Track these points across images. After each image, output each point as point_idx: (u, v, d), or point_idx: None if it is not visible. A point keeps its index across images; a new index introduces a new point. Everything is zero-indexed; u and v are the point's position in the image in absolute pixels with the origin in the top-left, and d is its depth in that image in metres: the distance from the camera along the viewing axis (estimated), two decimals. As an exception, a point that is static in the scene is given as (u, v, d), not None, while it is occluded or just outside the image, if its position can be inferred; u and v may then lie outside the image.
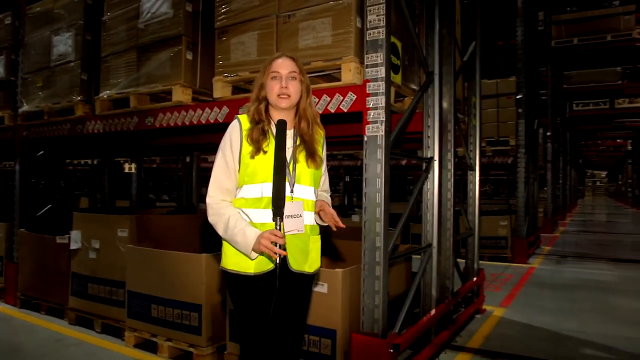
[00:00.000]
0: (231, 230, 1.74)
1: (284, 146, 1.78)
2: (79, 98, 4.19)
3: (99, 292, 3.78)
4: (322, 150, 1.95)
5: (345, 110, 2.82)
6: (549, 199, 12.09)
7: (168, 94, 3.62)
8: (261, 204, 1.78)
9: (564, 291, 5.38)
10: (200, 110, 3.47)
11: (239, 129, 1.82)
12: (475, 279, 4.42)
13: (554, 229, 11.92)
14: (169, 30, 3.56)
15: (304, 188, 1.85)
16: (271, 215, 1.76)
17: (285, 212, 1.75)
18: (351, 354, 2.64)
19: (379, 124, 2.66)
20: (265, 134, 1.80)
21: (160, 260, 3.31)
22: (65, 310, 4.06)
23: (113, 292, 3.69)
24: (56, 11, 4.46)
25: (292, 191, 1.81)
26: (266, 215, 1.77)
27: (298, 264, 1.82)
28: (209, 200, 1.82)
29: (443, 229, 3.60)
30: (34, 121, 4.70)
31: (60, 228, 4.24)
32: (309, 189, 1.87)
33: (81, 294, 3.91)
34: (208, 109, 3.42)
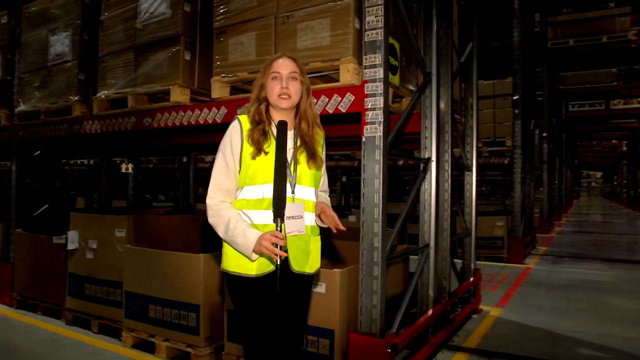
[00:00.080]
0: (231, 232, 1.73)
1: (285, 147, 1.77)
2: (76, 98, 4.18)
3: (96, 293, 3.78)
4: (322, 151, 1.94)
5: (343, 111, 2.82)
6: (545, 200, 12.15)
7: (166, 94, 3.60)
8: (262, 205, 1.77)
9: (560, 291, 5.40)
10: (198, 111, 3.47)
11: (239, 129, 1.80)
12: (472, 279, 4.44)
13: (549, 229, 11.98)
14: (167, 30, 3.55)
15: (305, 189, 1.84)
16: (272, 217, 1.75)
17: (286, 213, 1.74)
18: (349, 354, 2.65)
19: (377, 124, 2.67)
20: (266, 135, 1.78)
21: (158, 260, 3.31)
22: (62, 311, 4.04)
23: (110, 293, 3.69)
24: (53, 11, 4.45)
25: (293, 192, 1.80)
26: (267, 217, 1.76)
27: (299, 264, 1.82)
28: (209, 202, 1.80)
29: (440, 230, 3.61)
30: (30, 121, 4.68)
31: (57, 228, 4.23)
32: (310, 189, 1.86)
33: (78, 295, 3.90)
34: (206, 109, 3.42)
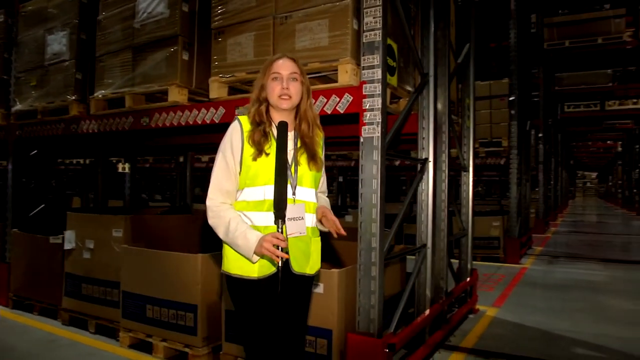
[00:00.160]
0: (232, 234, 1.71)
1: (286, 148, 1.75)
2: (74, 97, 4.17)
3: (93, 293, 3.77)
4: (322, 152, 1.94)
5: (341, 112, 2.83)
6: (541, 200, 12.20)
7: (164, 94, 3.61)
8: (263, 206, 1.76)
9: (555, 291, 5.43)
10: (196, 111, 3.47)
11: (239, 130, 1.79)
12: (468, 279, 4.46)
13: (545, 229, 12.03)
14: (165, 30, 3.55)
15: (305, 190, 1.83)
16: (273, 218, 1.74)
17: (287, 215, 1.73)
18: (347, 354, 2.65)
19: (375, 125, 2.67)
20: (266, 136, 1.77)
21: (156, 260, 3.31)
22: (59, 311, 4.03)
23: (107, 293, 3.68)
24: (50, 10, 4.43)
25: (294, 193, 1.79)
26: (269, 218, 1.75)
27: (300, 266, 1.81)
28: (209, 203, 1.78)
29: (437, 230, 3.62)
30: (27, 120, 4.67)
31: (54, 228, 4.21)
32: (311, 191, 1.86)
33: (75, 295, 3.89)
34: (204, 110, 3.42)
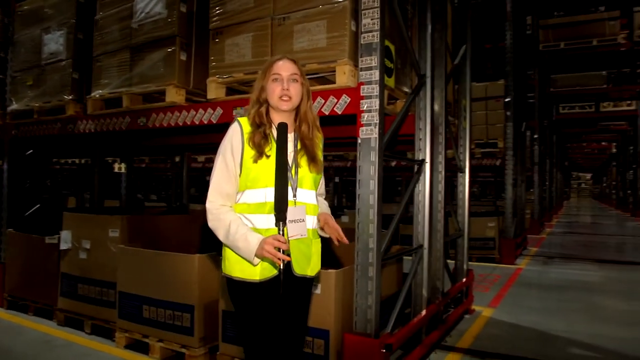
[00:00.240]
0: (232, 236, 1.70)
1: (286, 150, 1.74)
2: (70, 97, 4.16)
3: (89, 293, 3.76)
4: (322, 154, 1.93)
5: (339, 113, 2.84)
6: (536, 201, 12.26)
7: (161, 94, 3.60)
8: (265, 209, 1.75)
9: (551, 291, 5.46)
10: (193, 111, 3.47)
11: (240, 132, 1.77)
12: (464, 279, 4.48)
13: (540, 230, 12.09)
14: (163, 31, 3.54)
15: (306, 192, 1.83)
16: (274, 221, 1.73)
17: (288, 217, 1.72)
18: (344, 354, 2.66)
19: (372, 126, 2.68)
20: (267, 138, 1.76)
21: (153, 260, 3.30)
22: (54, 311, 4.01)
23: (104, 293, 3.67)
24: (46, 9, 4.42)
25: (295, 195, 1.78)
26: (270, 221, 1.74)
27: (301, 268, 1.81)
28: (208, 206, 1.77)
29: (434, 231, 3.64)
30: (23, 120, 4.65)
31: (49, 228, 4.20)
32: (311, 193, 1.86)
33: (71, 295, 3.87)
34: (202, 110, 3.42)
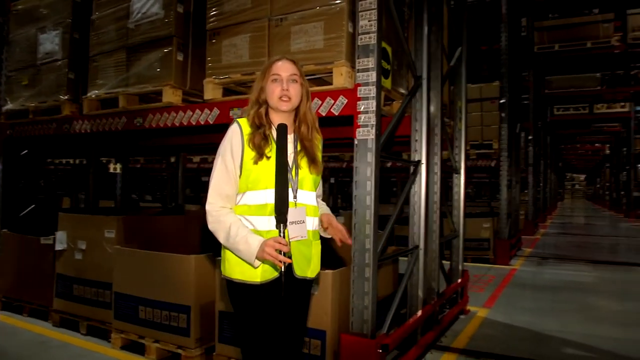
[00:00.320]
0: (233, 239, 1.68)
1: (286, 151, 1.73)
2: (66, 97, 4.15)
3: (85, 294, 3.74)
4: (321, 155, 1.93)
5: (336, 114, 2.85)
6: (530, 202, 12.31)
7: (158, 94, 3.60)
8: (265, 210, 1.74)
9: (545, 292, 5.50)
10: (190, 112, 3.47)
11: (240, 133, 1.75)
12: (459, 280, 4.50)
13: (534, 231, 12.14)
14: (160, 31, 3.55)
15: (306, 194, 1.82)
16: (275, 222, 1.72)
17: (289, 219, 1.71)
18: (340, 354, 2.67)
19: (369, 127, 2.69)
20: (267, 139, 1.75)
21: (149, 261, 3.30)
22: (49, 312, 4.00)
23: (99, 294, 3.66)
24: (42, 9, 4.41)
25: (296, 197, 1.78)
26: (271, 222, 1.73)
27: (301, 269, 1.80)
28: (208, 207, 1.75)
29: (430, 231, 3.65)
30: (18, 120, 4.63)
31: (44, 228, 4.18)
32: (311, 194, 1.85)
33: (66, 296, 3.86)
34: (199, 111, 3.42)
